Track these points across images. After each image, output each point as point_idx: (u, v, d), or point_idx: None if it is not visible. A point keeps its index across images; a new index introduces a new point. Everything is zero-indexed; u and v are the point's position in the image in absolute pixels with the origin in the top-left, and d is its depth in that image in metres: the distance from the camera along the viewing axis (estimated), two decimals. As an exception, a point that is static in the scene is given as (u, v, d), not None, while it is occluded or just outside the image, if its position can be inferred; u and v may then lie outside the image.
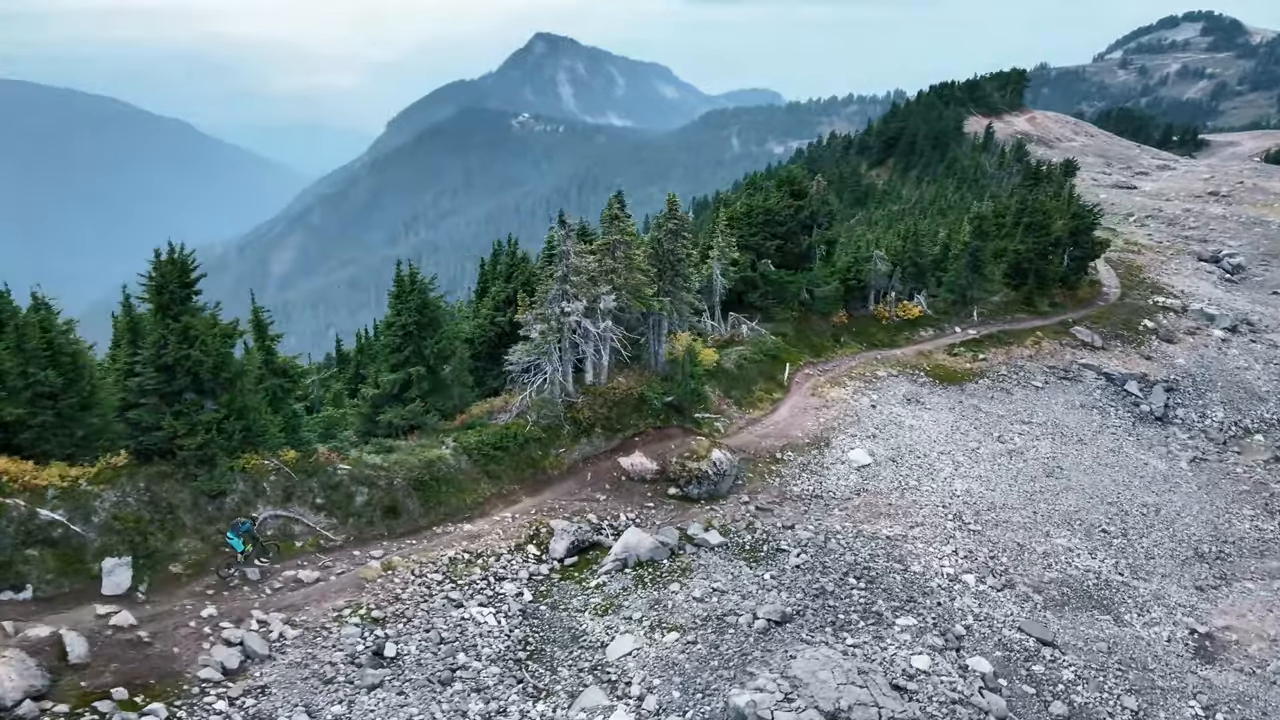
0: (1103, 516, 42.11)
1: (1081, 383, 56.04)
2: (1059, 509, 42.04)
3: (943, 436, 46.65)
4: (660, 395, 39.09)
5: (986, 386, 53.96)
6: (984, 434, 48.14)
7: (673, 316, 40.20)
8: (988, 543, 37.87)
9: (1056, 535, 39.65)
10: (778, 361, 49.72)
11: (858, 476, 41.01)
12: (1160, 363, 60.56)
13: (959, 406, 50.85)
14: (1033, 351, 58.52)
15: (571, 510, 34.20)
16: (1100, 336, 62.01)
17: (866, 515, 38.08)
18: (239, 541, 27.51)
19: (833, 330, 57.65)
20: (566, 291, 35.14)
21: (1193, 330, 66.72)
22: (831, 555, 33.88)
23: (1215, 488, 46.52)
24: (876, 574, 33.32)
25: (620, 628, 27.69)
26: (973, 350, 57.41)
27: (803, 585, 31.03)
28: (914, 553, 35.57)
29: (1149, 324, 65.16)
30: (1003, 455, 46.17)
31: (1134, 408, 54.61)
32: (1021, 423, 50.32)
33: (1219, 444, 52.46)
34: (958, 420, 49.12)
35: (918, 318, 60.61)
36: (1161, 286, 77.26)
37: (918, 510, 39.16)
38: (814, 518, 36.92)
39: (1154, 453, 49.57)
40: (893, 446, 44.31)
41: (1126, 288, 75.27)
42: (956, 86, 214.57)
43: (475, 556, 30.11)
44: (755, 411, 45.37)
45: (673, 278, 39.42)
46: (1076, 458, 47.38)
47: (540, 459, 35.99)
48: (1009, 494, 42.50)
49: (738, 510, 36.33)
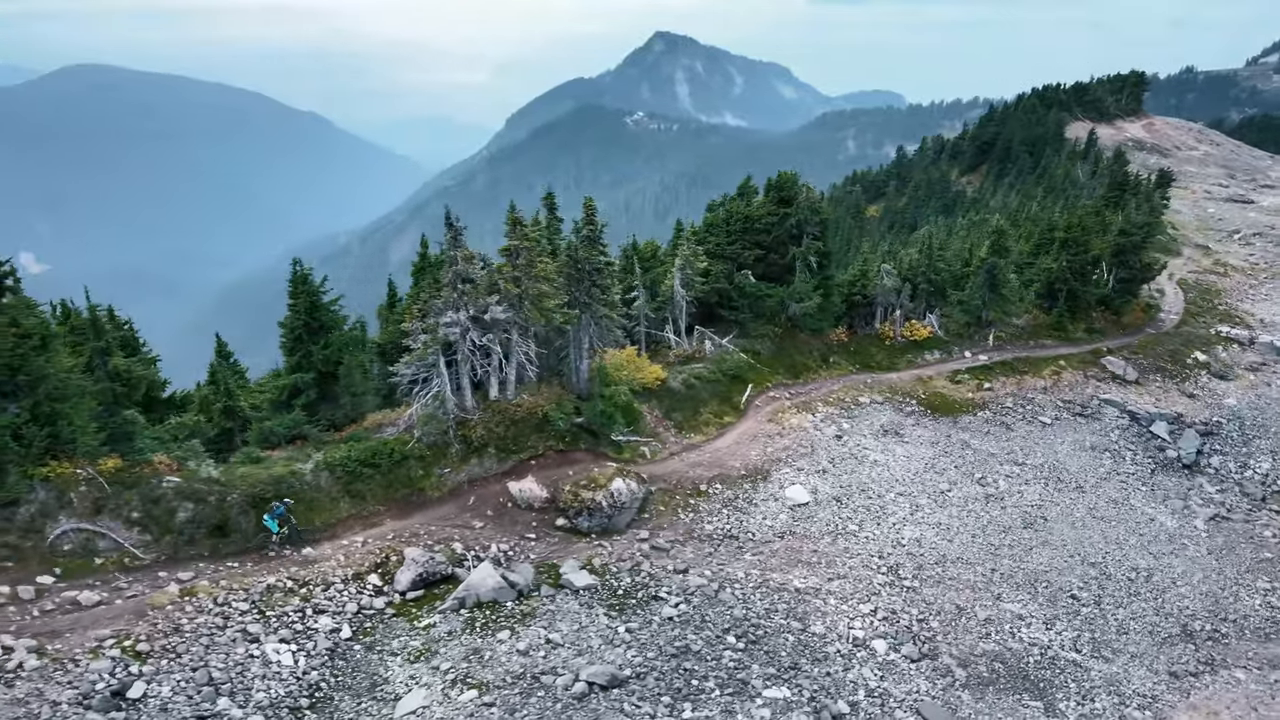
0: (1077, 579, 36.78)
1: (1099, 421, 49.92)
2: (1025, 567, 36.96)
3: (910, 475, 41.94)
4: (568, 415, 36.03)
5: (984, 420, 48.63)
6: (963, 474, 43.13)
7: (589, 331, 37.02)
8: (921, 603, 33.37)
9: (1010, 599, 34.71)
10: (739, 382, 45.85)
11: (788, 516, 36.97)
12: (1204, 402, 53.59)
13: (944, 441, 45.84)
14: (1049, 383, 52.59)
15: (438, 538, 31.60)
16: (1136, 369, 55.38)
17: (782, 562, 34.13)
18: (274, 524, 29.52)
19: (824, 349, 53.20)
20: (453, 300, 32.53)
21: (1257, 366, 59.05)
22: (718, 608, 30.24)
23: (1231, 553, 40.24)
24: (765, 633, 29.52)
25: (422, 678, 24.90)
26: (979, 378, 51.99)
27: (663, 642, 27.54)
28: (822, 610, 31.51)
29: (1201, 356, 57.94)
30: (977, 500, 41.15)
31: (1158, 453, 48.23)
32: (1013, 463, 44.95)
33: (1254, 500, 45.70)
34: (937, 457, 44.20)
35: (926, 339, 55.43)
36: (1235, 314, 69.19)
37: (846, 559, 34.92)
38: (717, 562, 33.24)
39: (1166, 507, 43.43)
40: (844, 484, 39.97)
41: (1192, 314, 67.63)
42: (1062, 89, 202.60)
43: (300, 585, 27.84)
44: (697, 437, 41.73)
45: (589, 289, 36.26)
46: (1068, 508, 41.87)
47: (420, 479, 33.51)
48: (969, 546, 37.64)
49: (629, 548, 33.01)
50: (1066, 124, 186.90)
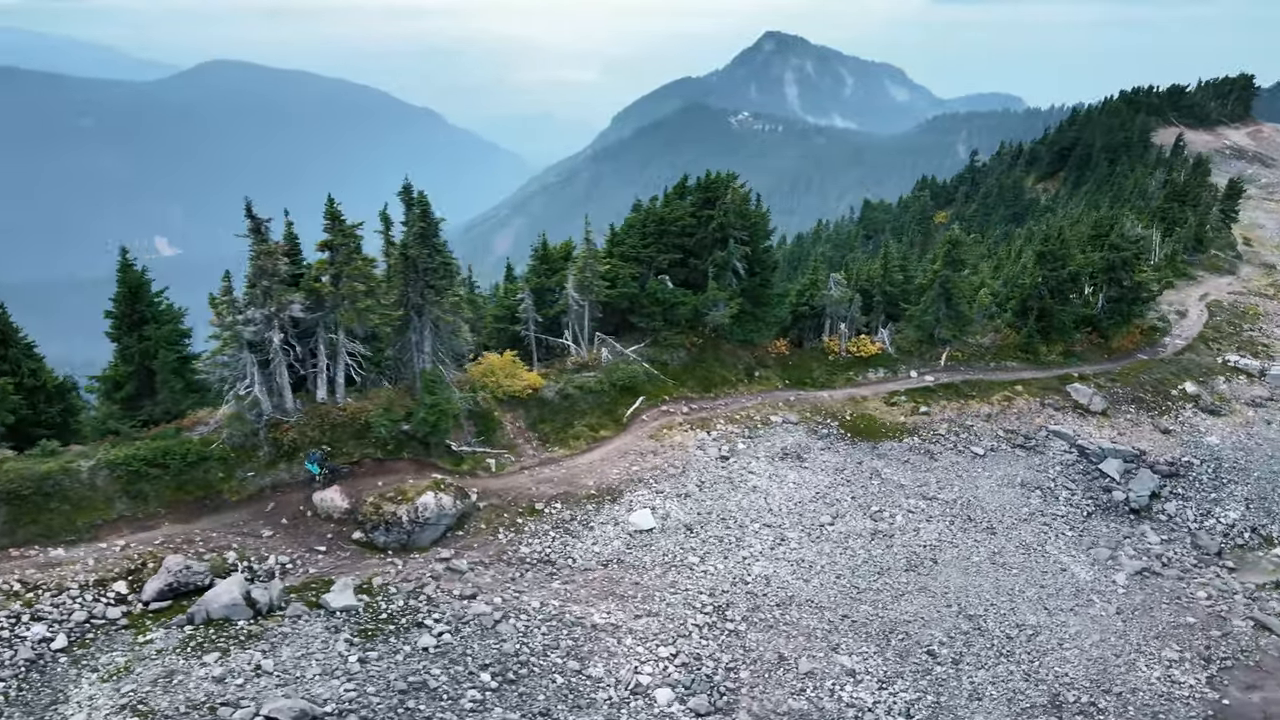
0: (942, 633, 32.84)
1: (1042, 455, 45.08)
2: (886, 616, 33.24)
3: (791, 505, 38.48)
4: (395, 422, 34.12)
5: (908, 447, 44.51)
6: (857, 506, 39.37)
7: (426, 333, 35.00)
8: (739, 649, 30.24)
9: (849, 651, 31.15)
10: (629, 393, 43.09)
11: (622, 543, 34.20)
12: (1180, 439, 47.92)
13: (851, 469, 42.07)
14: (997, 409, 47.87)
15: (214, 545, 30.18)
16: (1107, 399, 49.96)
17: (593, 593, 31.48)
18: (315, 467, 33.04)
19: (754, 362, 49.83)
20: (256, 297, 31.05)
21: (1260, 401, 52.65)
22: (488, 641, 27.93)
23: (1146, 614, 35.36)
24: (530, 673, 27.09)
25: (98, 701, 23.38)
26: (917, 400, 47.74)
27: (395, 677, 25.39)
28: (611, 650, 28.79)
29: (1191, 388, 51.95)
30: (861, 537, 37.42)
31: (1102, 494, 43.21)
32: (922, 497, 40.86)
33: (1205, 554, 40.33)
34: (834, 486, 40.54)
35: (874, 356, 51.34)
36: (1263, 342, 62.22)
37: (669, 595, 31.99)
38: (516, 589, 30.85)
39: (1087, 556, 38.66)
40: (704, 511, 36.87)
41: (1207, 339, 61.10)
42: (1154, 93, 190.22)
43: (28, 589, 26.78)
44: (561, 451, 39.24)
45: (422, 290, 34.25)
46: (966, 550, 37.70)
47: (220, 482, 32.20)
48: (827, 588, 34.12)
49: (423, 568, 30.92)
50: (1154, 129, 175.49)
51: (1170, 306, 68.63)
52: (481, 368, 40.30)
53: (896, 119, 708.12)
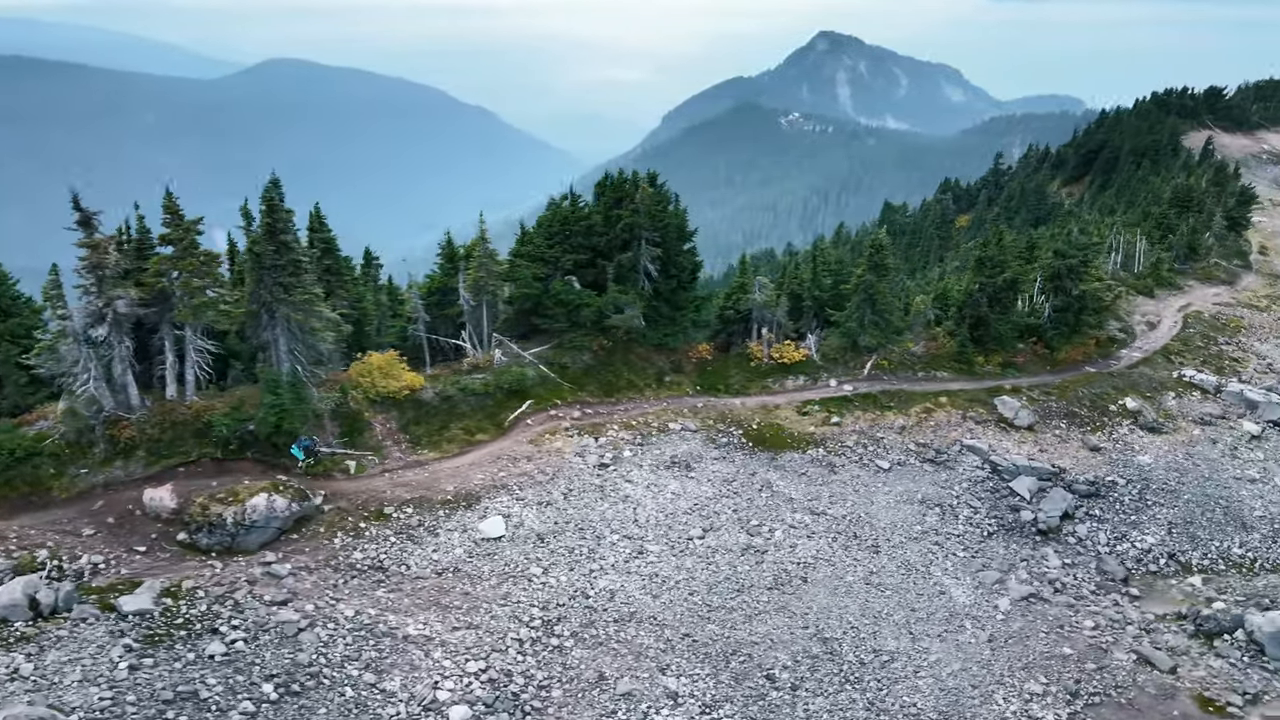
0: (789, 656, 31.28)
1: (951, 470, 43.03)
2: (732, 636, 31.78)
3: (663, 516, 37.11)
4: (236, 422, 33.47)
5: (810, 459, 42.80)
6: (735, 520, 37.85)
7: (281, 332, 34.31)
8: (558, 666, 29.07)
9: (679, 672, 29.79)
10: (517, 397, 42.04)
11: (464, 551, 33.17)
12: (1109, 457, 45.47)
13: (741, 480, 40.54)
14: (913, 421, 45.86)
15: (27, 543, 29.75)
16: (1038, 413, 47.64)
17: (417, 603, 30.51)
18: (300, 453, 34.60)
19: (667, 366, 48.49)
20: (85, 290, 30.63)
21: (1209, 419, 49.86)
22: (284, 650, 27.14)
23: (1019, 643, 33.32)
24: (318, 685, 26.29)
25: None
26: (831, 410, 45.96)
27: (164, 685, 24.73)
28: (414, 664, 27.82)
29: (1131, 404, 49.34)
30: (730, 552, 35.93)
31: (1009, 513, 41.07)
32: (810, 512, 39.20)
33: (1110, 580, 38.09)
34: (717, 498, 39.06)
35: (796, 362, 49.62)
36: (1234, 357, 59.23)
37: (498, 607, 30.93)
38: (334, 596, 29.99)
39: (973, 580, 36.66)
40: (563, 520, 35.68)
41: (1173, 351, 58.21)
42: (1189, 95, 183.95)
43: None
44: (430, 454, 38.31)
45: (272, 286, 33.57)
46: (842, 569, 35.99)
47: (50, 478, 31.87)
48: (676, 605, 32.76)
49: (242, 572, 30.20)
50: (1186, 133, 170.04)
51: (1143, 317, 65.77)
52: (361, 367, 39.57)
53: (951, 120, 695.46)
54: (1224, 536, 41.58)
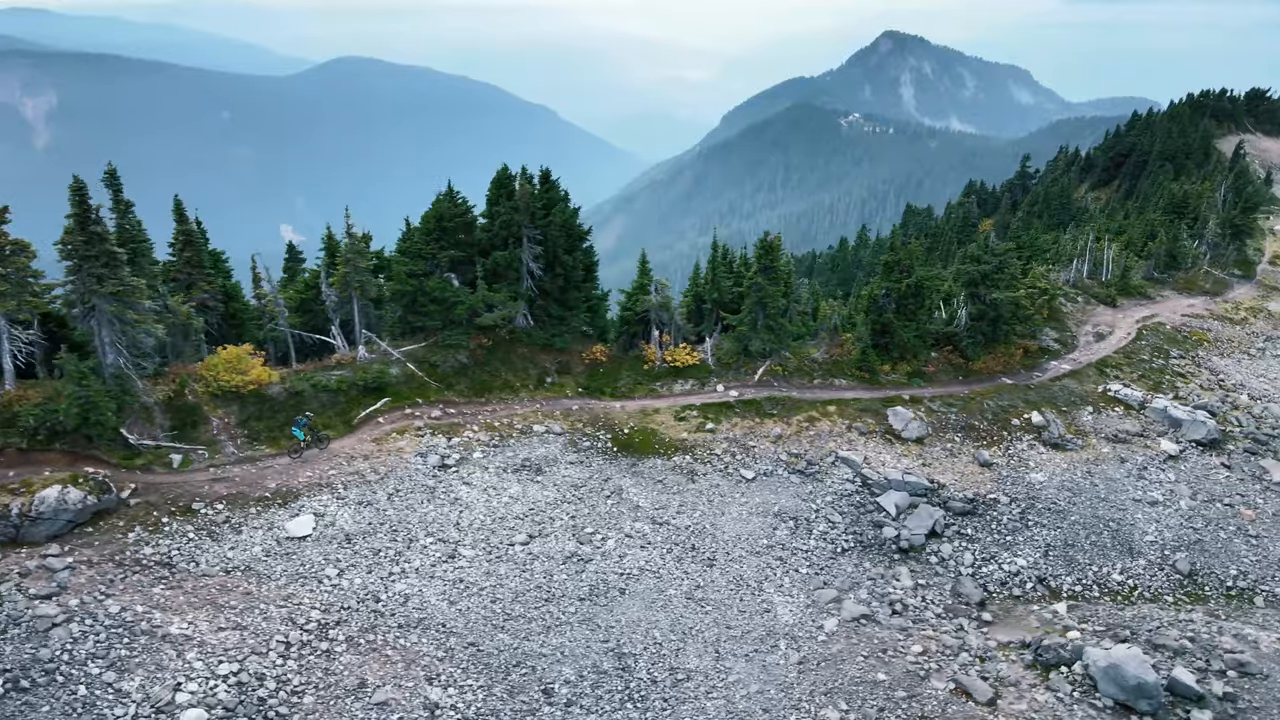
0: (576, 672, 30.21)
1: (820, 482, 41.33)
2: (522, 647, 30.86)
3: (488, 521, 36.26)
4: (46, 412, 33.47)
5: (672, 466, 41.52)
6: (570, 527, 36.82)
7: (102, 323, 34.25)
8: (319, 671, 28.54)
9: (450, 682, 29.00)
10: (373, 394, 41.51)
11: (262, 549, 32.71)
12: (999, 474, 43.29)
13: (592, 485, 39.48)
14: (793, 430, 44.22)
15: None
16: (931, 425, 45.60)
17: (192, 601, 30.13)
18: (300, 432, 37.29)
19: (552, 367, 47.58)
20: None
21: (1124, 437, 47.26)
22: (28, 645, 27.28)
23: (831, 667, 31.66)
24: (51, 683, 26.46)
25: None
26: (708, 417, 44.57)
27: (-114, 674, 24.59)
28: (163, 664, 27.46)
29: (1037, 419, 46.96)
30: (552, 559, 34.94)
31: (871, 529, 39.28)
32: (654, 521, 37.96)
33: (962, 604, 36.17)
34: (558, 503, 38.07)
35: (689, 366, 48.33)
36: (1170, 371, 56.15)
37: (275, 608, 30.42)
38: (105, 592, 29.72)
39: (807, 597, 35.06)
40: (379, 521, 35.03)
41: (1109, 365, 55.46)
42: (1228, 97, 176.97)
43: None
44: (267, 449, 37.96)
45: (86, 278, 33.51)
46: (667, 582, 34.75)
47: None
48: (471, 612, 31.97)
49: (14, 564, 30.09)
50: (1221, 136, 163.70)
51: (1095, 328, 62.89)
52: (210, 360, 39.42)
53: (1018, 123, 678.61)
54: (1105, 561, 39.28)
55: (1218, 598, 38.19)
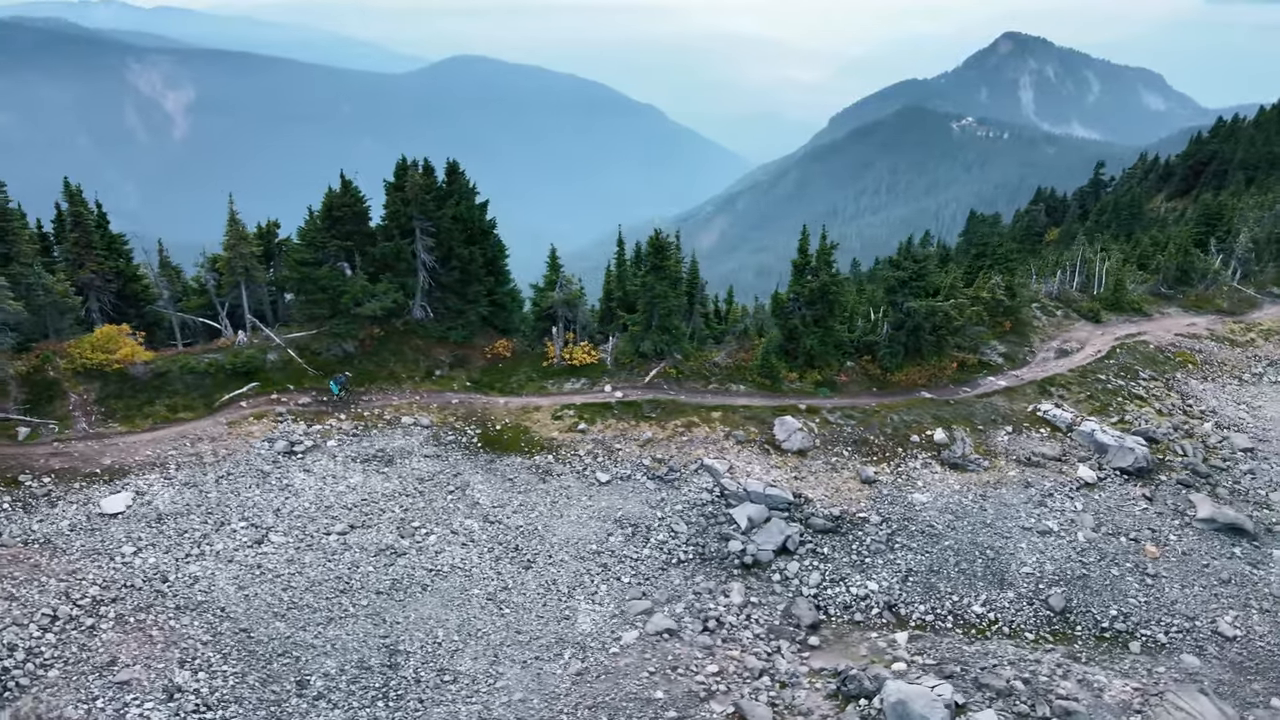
0: (339, 665, 29.92)
1: (676, 490, 39.85)
2: (291, 637, 30.81)
3: (312, 509, 36.28)
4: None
5: (530, 465, 40.74)
6: (396, 521, 36.52)
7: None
8: (72, 646, 29.05)
9: (196, 668, 28.98)
10: (243, 378, 42.03)
11: (69, 524, 33.51)
12: (880, 492, 40.93)
13: (439, 480, 39.10)
14: (665, 435, 42.79)
15: None
16: (821, 437, 43.47)
17: (-13, 571, 30.87)
18: (336, 388, 42.53)
19: (446, 361, 47.36)
20: None
21: (1038, 460, 44.14)
22: None
23: (610, 680, 30.31)
24: None
25: None
26: (584, 417, 43.58)
27: None
28: (-78, 627, 28.16)
29: (940, 436, 44.25)
30: (365, 550, 34.80)
31: (717, 541, 37.66)
32: (487, 520, 37.31)
33: (791, 625, 34.30)
34: (394, 495, 37.82)
35: (586, 365, 47.44)
36: (1127, 394, 52.21)
37: (55, 581, 31.03)
38: (-105, 555, 30.75)
39: (615, 608, 33.81)
40: (198, 503, 35.42)
41: (1056, 383, 51.89)
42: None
43: None
44: (120, 427, 38.86)
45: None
46: (474, 582, 34.11)
47: None
48: (259, 599, 32.05)
49: None
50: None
51: (1064, 343, 59.05)
52: (81, 339, 40.59)
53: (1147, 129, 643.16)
54: (970, 591, 36.66)
55: (1087, 639, 35.18)
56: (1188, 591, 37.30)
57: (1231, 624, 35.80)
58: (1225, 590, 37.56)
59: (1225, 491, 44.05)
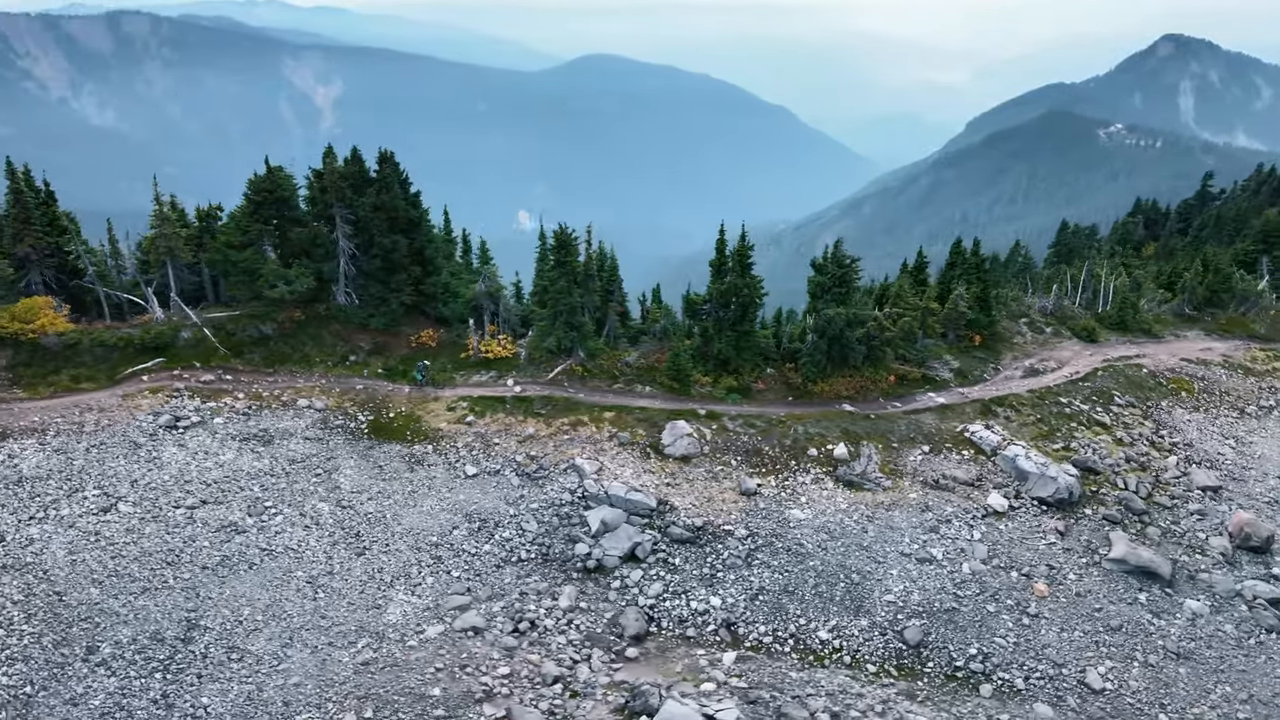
0: (132, 635, 30.89)
1: (539, 488, 39.16)
2: (100, 604, 32.10)
3: (171, 482, 37.42)
4: None
5: (404, 454, 40.92)
6: (251, 499, 37.29)
7: None
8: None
9: None
10: (150, 353, 43.75)
11: (-71, 486, 35.39)
12: (757, 505, 39.20)
13: (310, 463, 39.78)
14: (549, 432, 42.07)
15: None
16: (711, 445, 41.95)
17: None
18: (420, 376, 44.89)
19: (367, 347, 48.09)
20: None
21: (949, 484, 41.42)
22: None
23: (391, 672, 30.03)
24: None
25: None
26: (475, 410, 43.43)
27: None
28: None
29: (839, 452, 42.00)
30: (206, 526, 35.73)
31: (564, 543, 36.88)
32: (338, 504, 37.72)
33: (613, 635, 33.28)
34: (260, 474, 38.72)
35: (500, 358, 47.33)
36: (1085, 420, 48.40)
37: (-99, 534, 32.87)
38: None
39: (431, 601, 33.55)
40: (61, 469, 37.14)
41: (1003, 403, 48.56)
42: None
43: None
44: (23, 394, 41.19)
45: None
46: (300, 564, 34.52)
47: None
48: (82, 565, 33.37)
49: None
50: None
51: (1040, 362, 55.32)
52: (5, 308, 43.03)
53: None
54: (821, 616, 34.72)
55: (935, 677, 32.79)
56: (1065, 636, 34.27)
57: (1103, 675, 32.76)
58: (1111, 639, 34.37)
59: (1157, 532, 40.30)
